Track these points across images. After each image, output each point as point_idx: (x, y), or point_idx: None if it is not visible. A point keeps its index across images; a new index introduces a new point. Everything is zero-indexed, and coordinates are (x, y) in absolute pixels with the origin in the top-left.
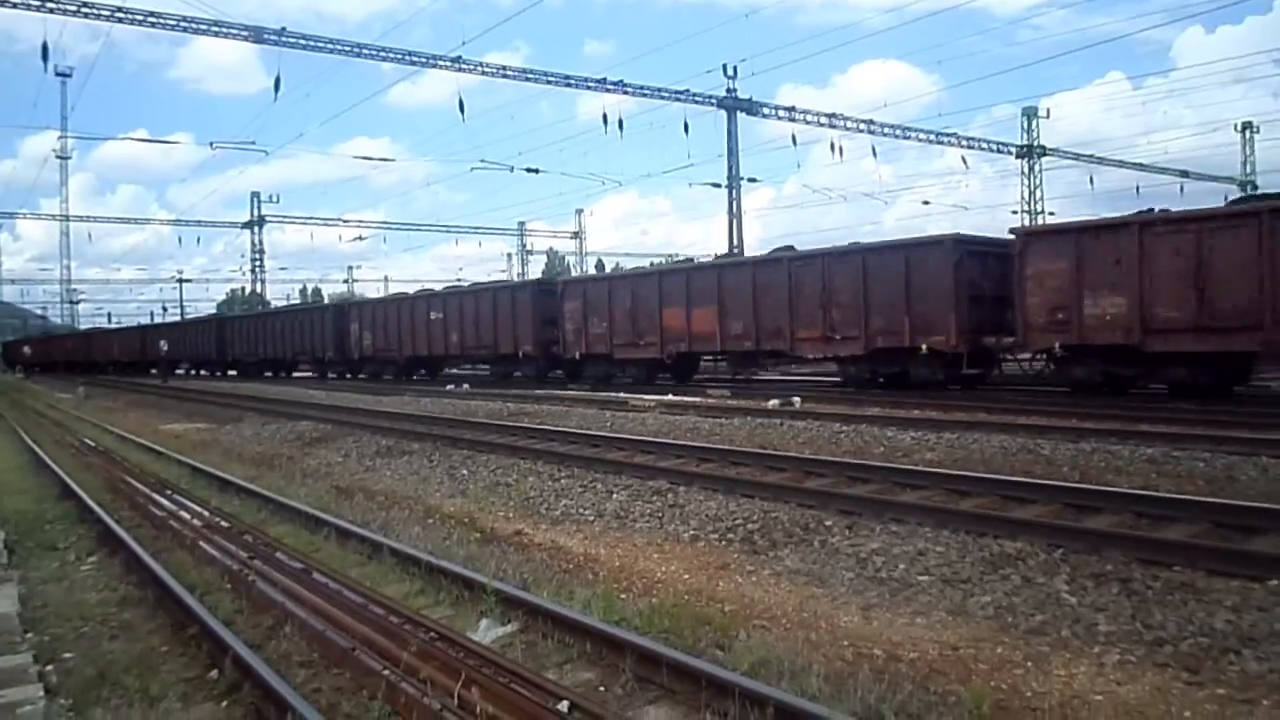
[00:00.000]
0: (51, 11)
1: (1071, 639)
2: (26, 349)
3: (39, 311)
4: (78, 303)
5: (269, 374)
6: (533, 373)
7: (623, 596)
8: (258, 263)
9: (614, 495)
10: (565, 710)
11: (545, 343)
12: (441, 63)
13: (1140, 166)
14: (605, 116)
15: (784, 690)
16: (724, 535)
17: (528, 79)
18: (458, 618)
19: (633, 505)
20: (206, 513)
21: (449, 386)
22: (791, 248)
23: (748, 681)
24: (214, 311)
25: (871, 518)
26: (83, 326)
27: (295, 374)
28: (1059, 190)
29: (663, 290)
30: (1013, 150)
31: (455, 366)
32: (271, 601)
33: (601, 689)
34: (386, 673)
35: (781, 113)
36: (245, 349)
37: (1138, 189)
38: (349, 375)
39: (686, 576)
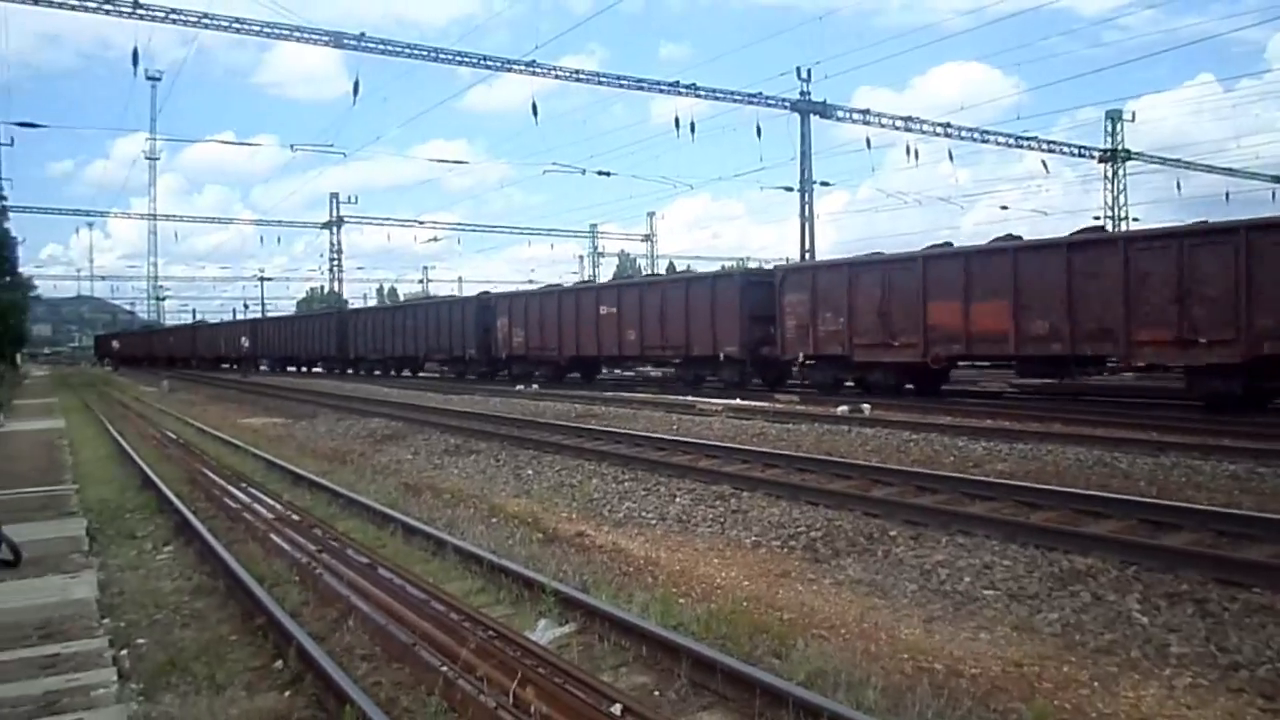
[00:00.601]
0: (141, 18)
1: (1141, 660)
2: (115, 343)
3: (128, 307)
4: (163, 299)
5: (393, 373)
6: (734, 378)
7: (681, 601)
8: (336, 262)
9: (677, 499)
10: (618, 713)
11: (754, 343)
12: (515, 66)
13: (1230, 172)
14: (677, 120)
15: (839, 702)
16: (786, 542)
17: (600, 83)
18: (517, 617)
19: (695, 509)
20: (279, 506)
21: (519, 387)
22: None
23: (802, 691)
24: (295, 309)
25: (938, 529)
26: (169, 323)
27: (421, 373)
28: (1145, 195)
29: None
30: (1095, 154)
31: (624, 368)
32: (337, 595)
33: (656, 693)
34: (445, 669)
35: (856, 116)
36: (371, 346)
37: (1227, 195)
38: (493, 376)
39: (746, 583)
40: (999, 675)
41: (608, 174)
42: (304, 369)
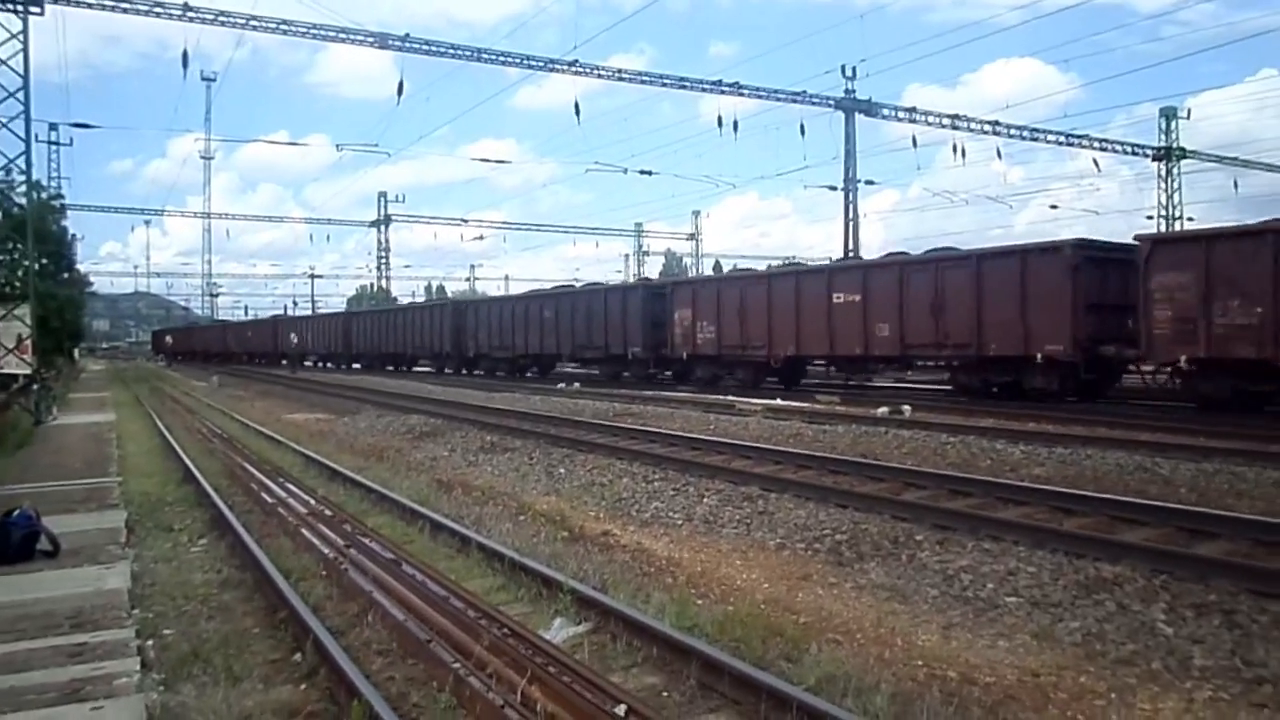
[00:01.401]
0: (191, 20)
1: (1162, 671)
2: (168, 338)
3: (182, 303)
4: (217, 295)
5: (518, 375)
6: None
7: (699, 602)
8: (384, 260)
9: (705, 499)
10: (622, 714)
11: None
12: (559, 66)
13: None
14: (720, 119)
15: (845, 708)
16: (810, 545)
17: (643, 82)
18: (534, 615)
19: (722, 510)
20: (313, 501)
21: (560, 385)
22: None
23: (807, 696)
24: (345, 306)
25: (965, 533)
26: (221, 317)
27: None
28: (1203, 195)
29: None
30: (1149, 153)
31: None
32: (360, 590)
33: (663, 694)
34: (457, 665)
35: (902, 114)
36: (496, 342)
37: None
38: (674, 378)
39: (766, 585)
40: (1013, 684)
41: (649, 173)
42: (406, 368)
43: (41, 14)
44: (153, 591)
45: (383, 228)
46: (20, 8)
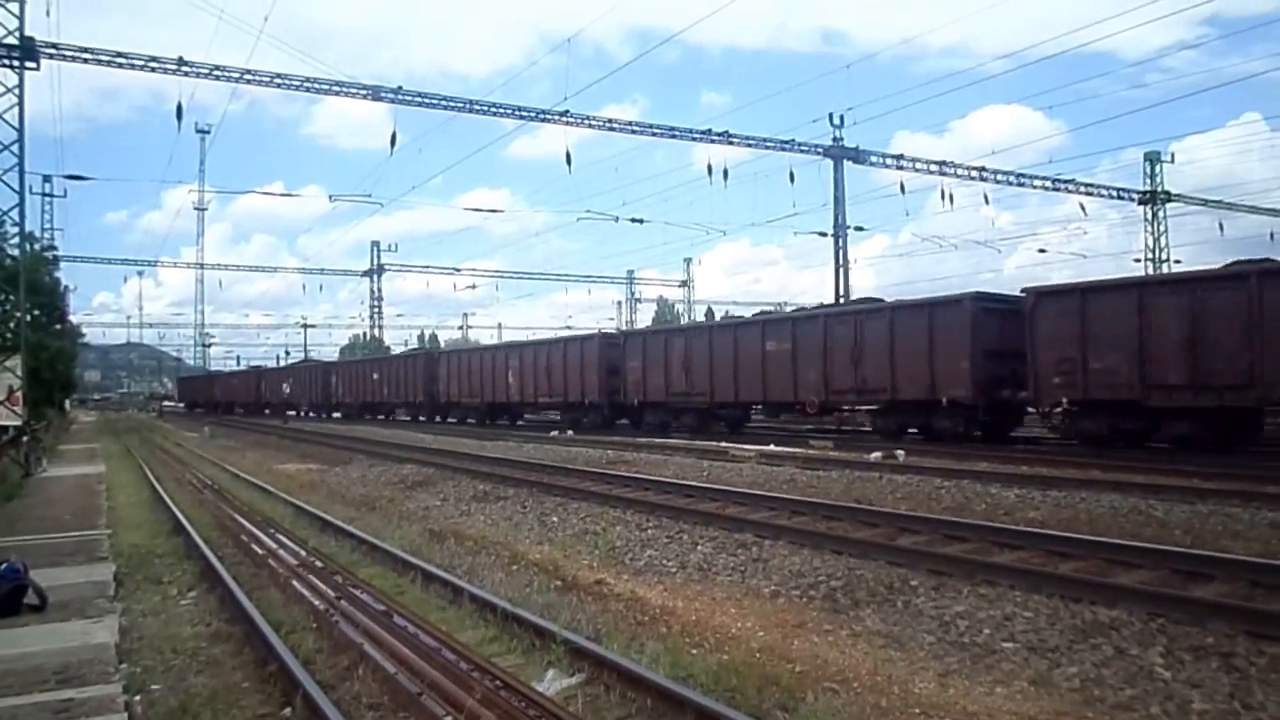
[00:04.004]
0: (186, 74)
1: (1161, 716)
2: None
3: (174, 354)
4: (209, 346)
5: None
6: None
7: (693, 652)
8: (376, 309)
9: (699, 547)
10: None
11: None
12: (550, 116)
13: (1275, 212)
14: (710, 167)
15: None
16: (806, 592)
17: (634, 131)
18: (527, 666)
19: (716, 558)
20: (303, 552)
21: (553, 433)
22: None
23: None
24: (338, 356)
25: (961, 579)
26: (213, 368)
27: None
28: (1190, 237)
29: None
30: (1135, 197)
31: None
32: (351, 642)
33: None
34: (449, 719)
35: (889, 161)
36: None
37: (1271, 235)
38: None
39: (762, 633)
40: None
41: (640, 221)
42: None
43: (37, 69)
44: (141, 646)
45: (376, 277)
46: (16, 63)
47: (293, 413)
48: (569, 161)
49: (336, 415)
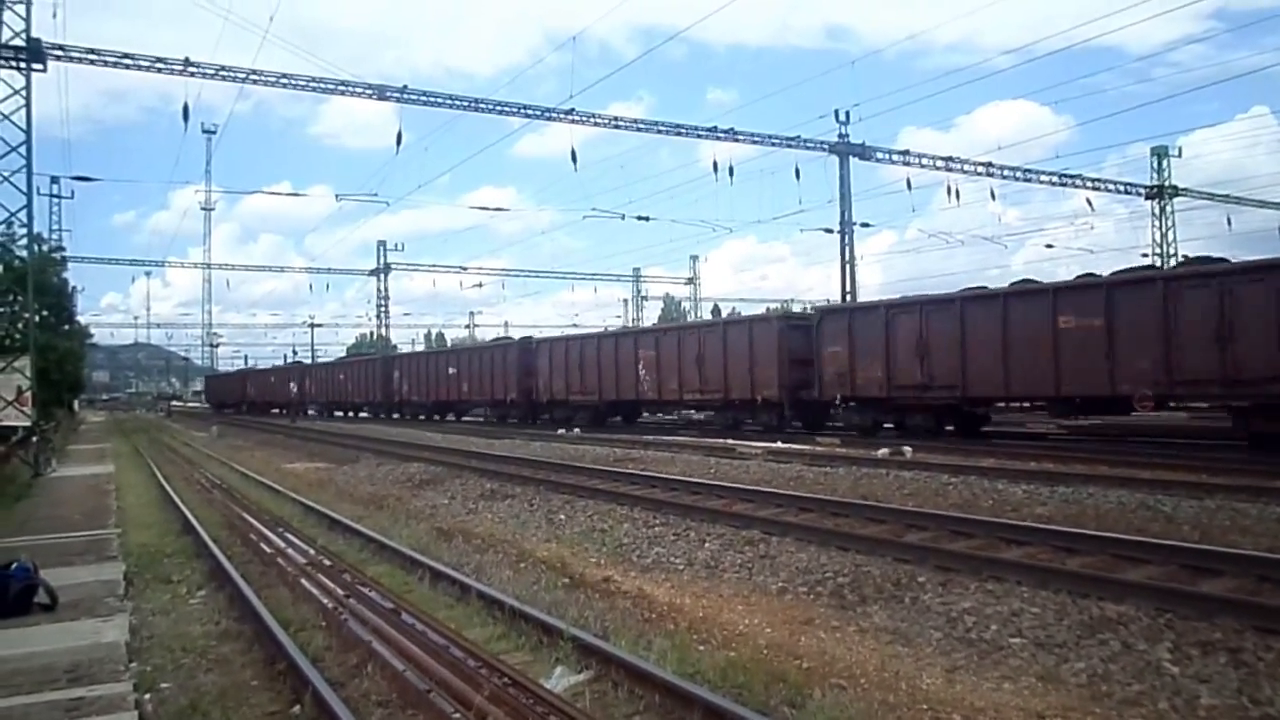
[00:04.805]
0: (193, 75)
1: (1169, 712)
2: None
3: (182, 354)
4: (217, 346)
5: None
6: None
7: (701, 648)
8: (383, 308)
9: (706, 544)
10: None
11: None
12: (555, 115)
13: None
14: (716, 164)
15: None
16: (813, 588)
17: (640, 129)
18: (535, 663)
19: (724, 555)
20: (312, 550)
21: (560, 431)
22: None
23: None
24: (345, 354)
25: (968, 575)
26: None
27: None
28: (1198, 231)
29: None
30: (1142, 191)
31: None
32: (359, 640)
33: None
34: (457, 716)
35: (895, 157)
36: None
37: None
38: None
39: (769, 630)
40: None
41: (646, 219)
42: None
43: (44, 70)
44: (151, 644)
45: (382, 276)
46: (23, 65)
47: (344, 413)
48: (575, 159)
49: (395, 416)
